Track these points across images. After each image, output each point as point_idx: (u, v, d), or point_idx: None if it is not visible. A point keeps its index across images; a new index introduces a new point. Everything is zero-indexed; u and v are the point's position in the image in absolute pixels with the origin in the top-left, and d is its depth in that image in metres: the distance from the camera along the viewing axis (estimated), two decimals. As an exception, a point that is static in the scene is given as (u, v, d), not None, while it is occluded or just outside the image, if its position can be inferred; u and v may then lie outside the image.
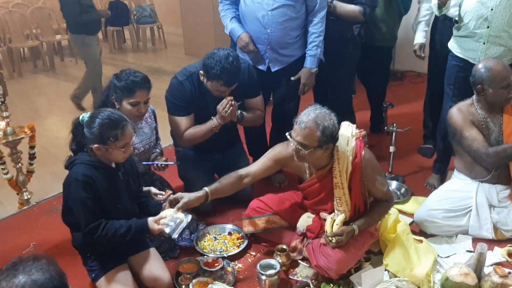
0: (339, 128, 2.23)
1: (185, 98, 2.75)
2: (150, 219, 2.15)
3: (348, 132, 2.29)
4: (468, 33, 2.86)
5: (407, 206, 3.00)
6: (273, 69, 3.05)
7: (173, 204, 2.24)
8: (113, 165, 2.21)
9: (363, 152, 2.27)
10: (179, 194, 2.27)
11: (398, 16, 3.75)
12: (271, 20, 2.89)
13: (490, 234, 2.61)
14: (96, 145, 2.08)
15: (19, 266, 1.22)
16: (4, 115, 2.76)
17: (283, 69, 3.05)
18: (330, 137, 2.16)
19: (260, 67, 3.05)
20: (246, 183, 2.41)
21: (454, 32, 2.98)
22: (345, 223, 2.33)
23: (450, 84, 3.07)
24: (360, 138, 2.31)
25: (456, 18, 3.24)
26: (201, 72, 2.68)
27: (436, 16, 3.44)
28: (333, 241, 2.26)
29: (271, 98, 3.35)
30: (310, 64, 3.03)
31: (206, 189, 2.31)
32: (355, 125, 2.35)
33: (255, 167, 2.43)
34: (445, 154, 3.18)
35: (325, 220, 2.38)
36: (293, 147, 2.21)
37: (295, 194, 2.71)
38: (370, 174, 2.30)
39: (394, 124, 3.26)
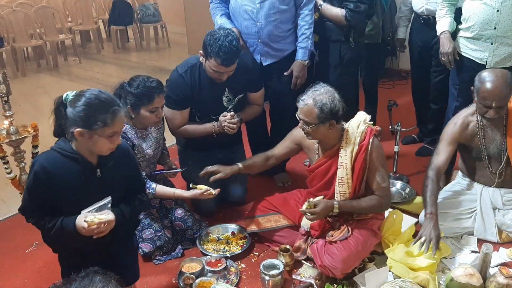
0: (342, 105, 2.29)
1: (183, 92, 2.74)
2: (81, 216, 1.83)
3: (361, 118, 2.37)
4: (475, 35, 2.83)
5: (412, 207, 2.98)
6: (264, 63, 3.03)
7: (210, 175, 2.53)
8: (94, 160, 1.89)
9: (372, 138, 2.31)
10: (216, 167, 2.55)
11: (381, 12, 3.81)
12: (260, 13, 2.88)
13: (495, 238, 2.60)
14: (79, 129, 1.76)
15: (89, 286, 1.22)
16: (8, 114, 2.75)
17: (275, 63, 3.04)
18: (329, 114, 2.24)
19: None
20: (271, 163, 2.67)
21: (460, 33, 2.96)
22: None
23: (456, 84, 3.05)
24: (373, 128, 2.35)
25: (425, 16, 3.35)
26: (201, 51, 2.66)
27: (414, 14, 3.55)
28: (308, 214, 2.29)
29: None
30: (301, 56, 3.01)
31: (239, 164, 2.60)
32: (370, 116, 2.40)
33: (277, 149, 2.65)
34: None
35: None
36: (299, 125, 2.33)
37: (299, 193, 2.71)
38: (373, 160, 2.32)
39: (399, 124, 3.24)
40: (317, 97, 2.25)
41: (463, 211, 2.63)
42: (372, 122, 2.38)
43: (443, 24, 3.00)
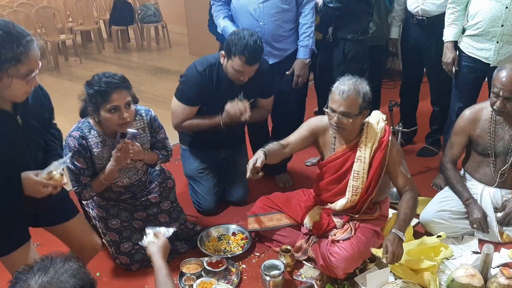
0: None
1: (200, 90, 2.71)
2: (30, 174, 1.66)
3: (379, 115, 2.39)
4: (480, 32, 2.83)
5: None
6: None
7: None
8: (9, 107, 1.64)
9: (391, 135, 2.34)
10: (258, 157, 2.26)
11: (385, 14, 3.80)
12: (263, 13, 2.88)
13: (496, 238, 2.59)
14: None
15: (50, 265, 1.21)
16: (8, 115, 2.75)
17: (277, 63, 3.03)
18: (368, 103, 2.26)
19: None
20: (287, 152, 2.46)
21: (465, 32, 2.96)
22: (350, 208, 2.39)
23: (460, 85, 3.04)
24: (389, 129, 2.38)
25: (419, 17, 3.31)
26: (222, 52, 2.63)
27: (407, 13, 3.52)
28: (388, 258, 2.14)
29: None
30: (303, 54, 3.01)
31: (263, 149, 2.34)
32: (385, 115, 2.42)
33: (293, 137, 2.46)
34: None
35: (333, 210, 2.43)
36: (335, 120, 2.22)
37: (302, 192, 2.71)
38: (395, 155, 2.34)
39: (400, 124, 3.24)
40: (357, 87, 2.21)
41: (464, 210, 2.62)
42: (386, 122, 2.40)
43: (449, 33, 3.04)
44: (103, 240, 2.47)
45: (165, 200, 2.62)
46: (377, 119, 2.38)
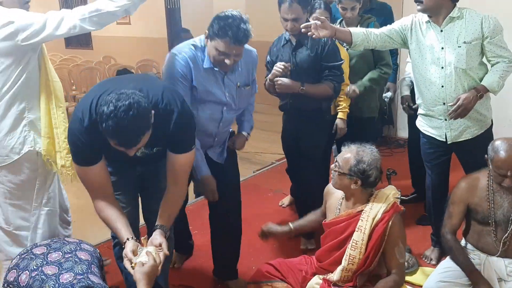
0: (378, 174, 2.33)
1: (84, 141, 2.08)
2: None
3: (391, 191, 2.41)
4: (427, 112, 2.92)
5: (415, 278, 2.93)
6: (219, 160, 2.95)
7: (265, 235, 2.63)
8: None
9: (396, 213, 2.33)
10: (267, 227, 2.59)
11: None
12: (220, 131, 2.83)
13: (503, 310, 2.52)
14: None
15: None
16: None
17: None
18: (360, 172, 2.28)
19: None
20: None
21: (419, 110, 3.06)
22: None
23: (426, 161, 3.12)
24: (399, 205, 2.37)
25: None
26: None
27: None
28: None
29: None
30: (246, 129, 3.02)
31: (290, 224, 2.63)
32: (399, 192, 2.44)
33: (322, 208, 2.66)
34: (438, 228, 3.00)
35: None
36: (332, 166, 2.40)
37: (304, 259, 2.65)
38: (394, 234, 2.30)
39: (399, 192, 3.24)
40: (361, 152, 2.32)
41: (467, 282, 2.57)
42: (398, 199, 2.40)
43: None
44: None
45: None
46: (387, 194, 2.39)
